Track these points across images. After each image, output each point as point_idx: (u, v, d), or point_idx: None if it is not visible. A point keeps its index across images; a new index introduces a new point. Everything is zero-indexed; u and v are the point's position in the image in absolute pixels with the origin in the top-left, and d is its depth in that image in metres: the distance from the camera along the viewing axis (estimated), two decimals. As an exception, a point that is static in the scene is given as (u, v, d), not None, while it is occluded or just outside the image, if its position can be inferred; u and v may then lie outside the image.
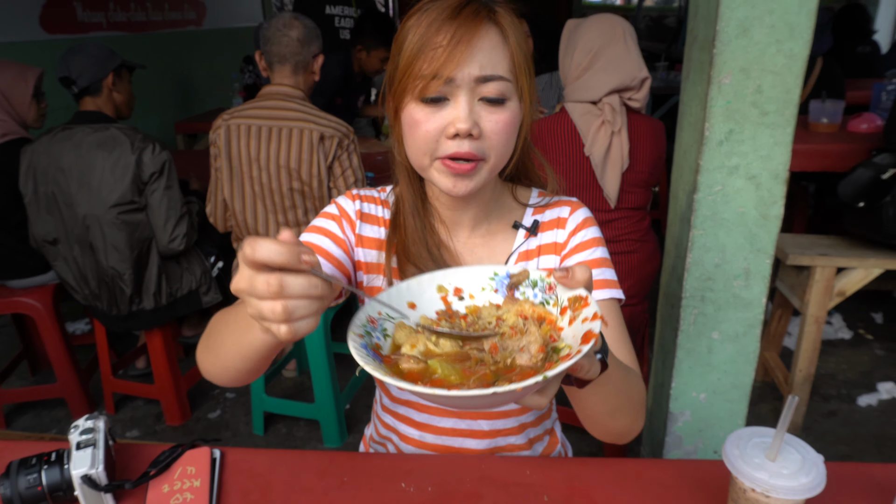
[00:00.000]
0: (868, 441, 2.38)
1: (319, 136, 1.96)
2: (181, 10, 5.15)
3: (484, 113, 0.84)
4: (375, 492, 0.92)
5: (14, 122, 2.31)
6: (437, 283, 0.75)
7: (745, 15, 1.36)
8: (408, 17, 0.85)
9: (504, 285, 0.74)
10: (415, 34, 0.82)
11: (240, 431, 2.55)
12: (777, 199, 1.50)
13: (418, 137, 0.85)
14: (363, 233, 1.00)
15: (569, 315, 0.66)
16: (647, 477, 0.94)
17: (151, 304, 2.30)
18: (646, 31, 8.29)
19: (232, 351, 0.78)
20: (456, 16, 0.81)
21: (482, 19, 0.82)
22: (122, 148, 2.09)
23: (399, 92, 0.85)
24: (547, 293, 0.70)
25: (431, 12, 0.82)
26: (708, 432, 1.77)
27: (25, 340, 2.86)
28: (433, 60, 0.80)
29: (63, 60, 2.17)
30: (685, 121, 1.60)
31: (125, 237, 2.16)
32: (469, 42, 0.80)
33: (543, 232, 1.01)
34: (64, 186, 2.13)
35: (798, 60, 1.37)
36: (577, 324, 0.64)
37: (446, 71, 0.80)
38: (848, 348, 2.99)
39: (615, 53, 1.87)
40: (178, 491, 0.92)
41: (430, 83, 0.81)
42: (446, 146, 0.83)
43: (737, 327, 1.63)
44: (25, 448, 0.99)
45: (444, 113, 0.83)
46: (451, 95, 0.82)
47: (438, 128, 0.83)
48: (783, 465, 0.78)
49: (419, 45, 0.81)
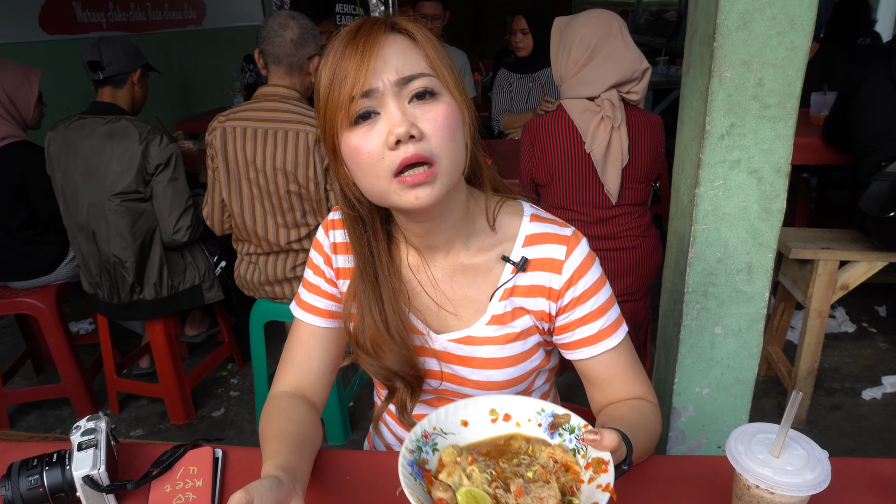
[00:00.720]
0: (872, 435, 2.37)
1: (315, 139, 1.96)
2: (181, 9, 5.15)
3: (418, 112, 0.80)
4: (378, 489, 0.92)
5: (16, 126, 2.31)
6: (490, 407, 0.83)
7: (745, 7, 1.34)
8: (320, 67, 0.86)
9: (547, 423, 0.82)
10: (326, 70, 0.82)
11: (244, 430, 2.55)
12: (779, 193, 1.49)
13: (363, 162, 0.81)
14: (339, 265, 1.01)
15: (590, 473, 0.75)
16: (650, 473, 0.94)
17: (152, 295, 2.32)
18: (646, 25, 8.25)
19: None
20: (355, 36, 0.80)
21: (383, 31, 0.81)
22: (131, 139, 2.13)
23: (329, 130, 0.83)
24: (580, 444, 0.79)
25: (333, 46, 0.82)
26: (711, 427, 1.77)
27: (29, 341, 2.87)
28: (347, 82, 0.79)
29: (95, 46, 2.21)
30: (686, 115, 1.59)
31: (128, 224, 2.20)
32: (376, 53, 0.79)
33: (534, 271, 0.95)
34: (72, 173, 2.17)
35: (799, 53, 1.36)
36: (593, 486, 0.73)
37: (363, 86, 0.78)
38: (852, 342, 2.99)
39: (614, 47, 1.86)
40: (181, 491, 0.92)
41: (352, 104, 0.79)
42: (393, 158, 0.79)
43: (739, 322, 1.62)
44: (27, 449, 1.00)
45: (378, 127, 0.80)
46: (379, 108, 0.79)
47: (379, 144, 0.79)
48: (788, 462, 0.77)
49: (331, 77, 0.81)
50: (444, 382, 0.99)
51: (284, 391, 1.01)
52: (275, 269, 2.13)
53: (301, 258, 2.12)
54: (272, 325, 2.35)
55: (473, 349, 0.97)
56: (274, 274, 2.13)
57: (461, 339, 0.97)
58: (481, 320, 0.96)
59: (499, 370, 0.97)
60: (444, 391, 1.01)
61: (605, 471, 0.73)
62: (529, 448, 0.80)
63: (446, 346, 0.97)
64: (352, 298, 0.95)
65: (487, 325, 0.96)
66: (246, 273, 2.19)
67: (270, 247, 2.11)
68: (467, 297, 0.97)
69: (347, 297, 0.96)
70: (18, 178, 2.26)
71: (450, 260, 0.96)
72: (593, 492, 0.72)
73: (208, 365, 2.72)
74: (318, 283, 1.02)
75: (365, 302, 0.92)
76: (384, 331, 0.92)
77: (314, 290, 1.02)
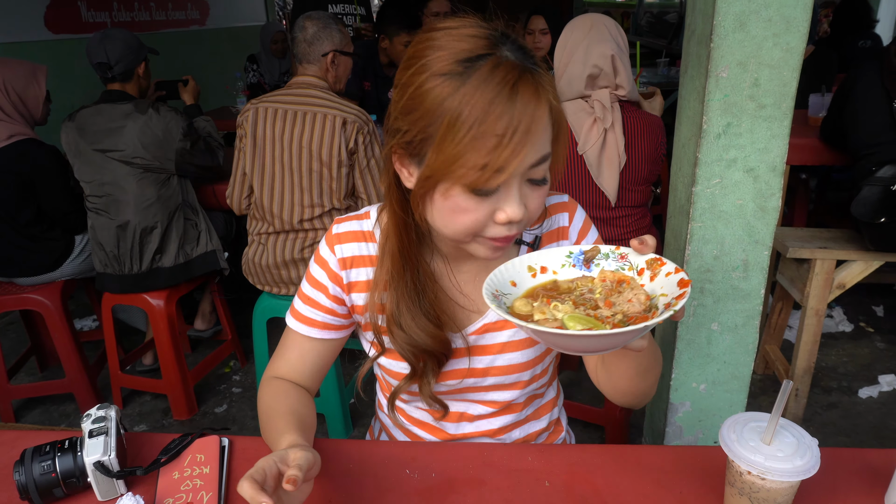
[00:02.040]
0: (868, 432, 2.40)
1: (342, 122, 2.08)
2: (184, 9, 5.18)
3: (528, 191, 0.81)
4: (380, 478, 0.94)
5: (24, 124, 2.35)
6: (527, 265, 0.84)
7: (741, 9, 1.37)
8: (438, 74, 0.75)
9: (580, 261, 0.83)
10: (468, 115, 0.73)
11: (246, 425, 2.58)
12: (775, 192, 1.52)
13: (464, 223, 0.80)
14: (353, 279, 1.00)
15: (648, 274, 0.77)
16: (646, 462, 0.96)
17: (171, 262, 2.41)
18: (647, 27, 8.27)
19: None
20: (515, 98, 0.73)
21: (538, 97, 0.75)
22: (149, 114, 2.27)
23: (439, 171, 0.77)
24: (620, 262, 0.80)
25: (483, 90, 0.72)
26: (708, 422, 1.79)
27: (34, 337, 2.89)
28: (492, 153, 0.73)
29: (100, 46, 2.29)
30: (684, 114, 1.62)
31: (154, 191, 2.33)
32: (529, 131, 0.74)
33: (546, 244, 1.01)
34: (91, 155, 2.27)
35: (795, 54, 1.39)
36: (661, 278, 0.75)
37: (507, 166, 0.74)
38: (849, 341, 3.01)
39: (585, 43, 1.91)
40: (188, 477, 0.94)
41: (487, 177, 0.75)
42: (495, 230, 0.81)
43: (736, 318, 1.65)
44: (39, 437, 1.02)
45: (492, 200, 0.78)
46: (502, 184, 0.78)
47: (487, 215, 0.80)
48: (778, 449, 0.80)
49: (474, 134, 0.73)
50: (465, 380, 1.02)
51: (281, 377, 1.04)
52: (283, 249, 2.20)
53: (309, 239, 2.19)
54: (275, 322, 2.37)
55: (492, 336, 1.01)
56: (282, 255, 2.19)
57: (478, 329, 1.00)
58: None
59: (518, 352, 1.01)
60: (467, 389, 1.04)
61: (663, 263, 0.76)
62: (577, 283, 0.81)
63: (467, 340, 1.00)
64: (381, 287, 0.95)
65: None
66: (255, 256, 2.25)
67: (283, 225, 2.19)
68: None
69: (375, 287, 0.96)
70: (26, 175, 2.29)
71: (475, 262, 0.99)
72: (663, 281, 0.74)
73: (211, 361, 2.74)
74: (316, 297, 1.01)
75: (401, 285, 0.93)
76: (416, 309, 0.93)
77: (311, 304, 1.01)
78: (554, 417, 1.18)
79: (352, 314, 1.03)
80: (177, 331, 2.49)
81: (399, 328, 0.94)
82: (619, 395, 0.98)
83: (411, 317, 0.93)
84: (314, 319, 1.02)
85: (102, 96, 2.33)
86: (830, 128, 2.61)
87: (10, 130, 2.29)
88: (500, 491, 0.91)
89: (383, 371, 1.06)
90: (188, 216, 2.47)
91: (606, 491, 0.91)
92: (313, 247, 2.18)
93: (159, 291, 2.44)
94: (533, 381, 1.05)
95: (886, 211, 2.13)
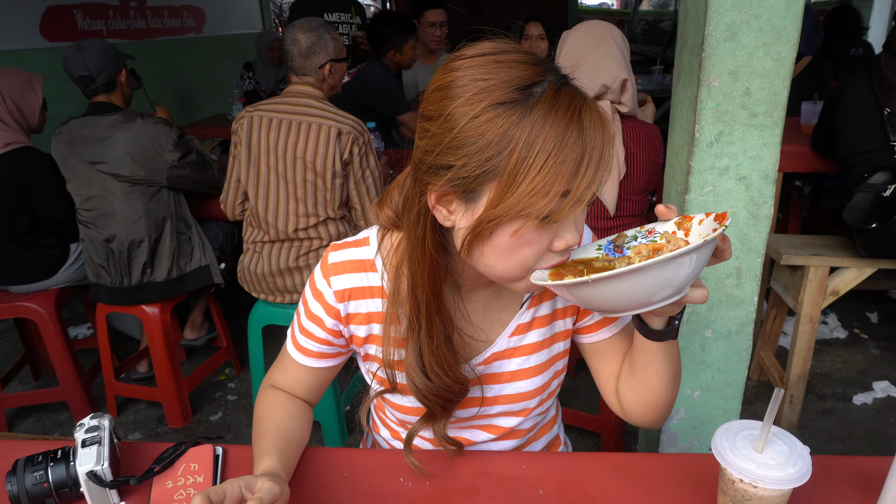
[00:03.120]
0: (863, 439, 2.40)
1: (337, 133, 2.07)
2: (181, 17, 5.20)
3: (578, 215, 0.79)
4: (375, 486, 0.94)
5: (20, 132, 2.35)
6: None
7: (732, 19, 1.38)
8: (496, 103, 0.70)
9: (612, 250, 0.84)
10: (543, 144, 0.69)
11: (241, 433, 2.57)
12: (767, 199, 1.53)
13: (525, 257, 0.76)
14: (351, 310, 0.95)
15: (681, 234, 0.79)
16: (640, 470, 0.97)
17: (163, 276, 2.39)
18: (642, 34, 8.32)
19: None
20: (583, 123, 0.71)
21: (603, 121, 0.73)
22: (137, 125, 2.25)
23: (512, 206, 0.71)
24: (649, 237, 0.81)
25: (554, 117, 0.69)
26: (702, 429, 1.80)
27: (28, 345, 2.88)
28: (572, 180, 0.70)
29: (77, 59, 2.28)
30: (676, 123, 1.63)
31: (142, 205, 2.30)
32: (602, 156, 0.72)
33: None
34: (80, 167, 2.26)
35: (785, 63, 1.40)
36: (696, 228, 0.77)
37: (587, 192, 0.71)
38: (843, 348, 3.02)
39: (594, 59, 1.88)
40: (182, 487, 0.94)
41: (567, 205, 0.71)
42: (550, 259, 0.78)
43: (729, 325, 1.66)
44: (32, 447, 1.01)
45: (552, 229, 0.75)
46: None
47: (547, 244, 0.76)
48: (770, 457, 0.80)
49: (553, 163, 0.69)
50: (482, 408, 1.01)
51: (278, 388, 1.05)
52: (278, 258, 2.19)
53: (304, 248, 2.19)
54: (270, 330, 2.37)
55: (500, 364, 0.99)
56: (277, 263, 2.19)
57: (487, 358, 0.98)
58: (504, 333, 0.98)
59: (528, 380, 0.99)
60: (479, 416, 1.03)
61: (691, 218, 0.77)
62: (614, 261, 0.81)
63: (475, 370, 0.98)
64: (395, 322, 0.90)
65: (511, 336, 0.98)
66: (250, 264, 2.25)
67: (278, 234, 2.18)
68: (499, 321, 0.98)
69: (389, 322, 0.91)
70: (21, 183, 2.29)
71: (485, 292, 0.96)
72: (698, 229, 0.76)
73: (206, 369, 2.74)
74: (312, 329, 0.98)
75: (435, 331, 0.87)
76: (448, 356, 0.89)
77: (308, 335, 0.99)
78: (553, 435, 1.18)
79: (349, 344, 1.01)
80: (171, 339, 2.49)
81: (425, 377, 0.88)
82: (651, 407, 0.94)
83: (439, 365, 0.88)
84: (311, 350, 1.00)
85: (90, 108, 2.32)
86: (821, 136, 2.63)
87: (7, 139, 2.29)
88: (495, 499, 0.91)
89: (386, 402, 1.05)
90: (181, 230, 2.45)
91: (600, 499, 0.91)
92: (308, 255, 2.18)
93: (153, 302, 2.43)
94: (539, 405, 1.03)
95: (878, 216, 2.14)
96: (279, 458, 0.89)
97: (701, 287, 0.75)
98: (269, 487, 0.76)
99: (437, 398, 0.91)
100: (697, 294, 0.74)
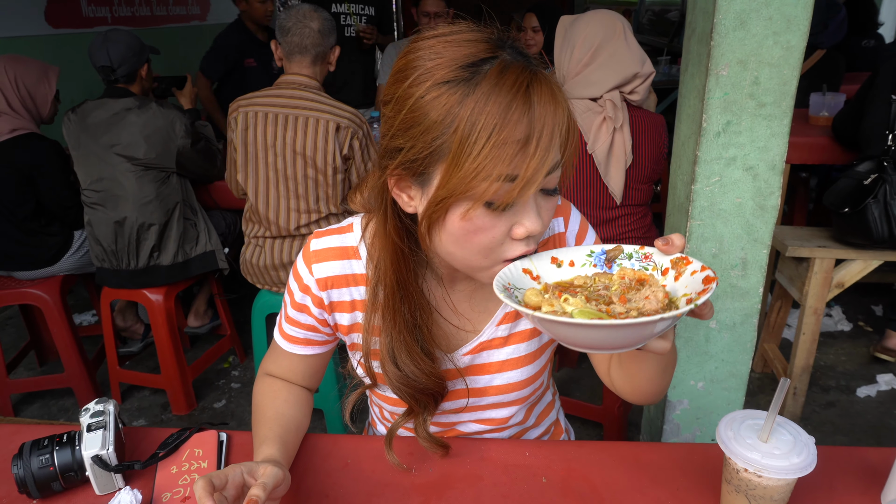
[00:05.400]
0: (866, 431, 2.40)
1: (336, 127, 2.02)
2: (185, 4, 5.17)
3: (542, 203, 0.76)
4: (378, 473, 0.95)
5: (29, 120, 2.36)
6: (552, 255, 0.81)
7: (742, 7, 1.37)
8: (440, 82, 0.69)
9: (602, 261, 0.79)
10: (484, 122, 0.66)
11: (245, 420, 2.58)
12: (774, 190, 1.52)
13: (479, 242, 0.74)
14: (334, 298, 0.94)
15: (672, 273, 0.74)
16: (643, 459, 0.97)
17: (169, 260, 2.41)
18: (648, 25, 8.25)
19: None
20: (531, 101, 0.68)
21: (555, 99, 0.70)
22: (153, 111, 2.27)
23: (457, 188, 0.69)
24: (644, 262, 0.77)
25: (496, 94, 0.67)
26: (705, 420, 1.80)
27: (33, 331, 2.90)
28: (515, 161, 0.67)
29: (102, 49, 2.29)
30: (684, 113, 1.62)
31: (153, 188, 2.31)
32: (553, 135, 0.68)
33: (543, 250, 0.96)
34: (91, 146, 2.27)
35: (795, 52, 1.39)
36: (686, 277, 0.72)
37: (536, 174, 0.68)
38: (848, 340, 3.01)
39: (616, 48, 1.87)
40: (186, 472, 0.94)
41: (513, 188, 0.68)
42: (513, 248, 0.75)
43: (734, 316, 1.65)
44: (37, 431, 1.02)
45: (508, 215, 0.73)
46: (519, 197, 0.72)
47: (504, 233, 0.74)
48: (775, 446, 0.80)
49: (494, 142, 0.66)
50: (470, 399, 1.00)
51: (275, 377, 1.04)
52: (280, 253, 2.18)
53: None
54: (273, 318, 2.37)
55: (489, 354, 0.98)
56: (280, 257, 2.18)
57: (474, 347, 0.98)
58: (491, 322, 0.97)
59: (517, 370, 0.98)
60: (469, 408, 1.02)
61: (689, 262, 0.72)
62: (593, 279, 0.77)
63: (462, 360, 0.98)
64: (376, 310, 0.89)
65: (498, 325, 0.97)
66: (252, 257, 2.24)
67: (280, 231, 2.16)
68: (486, 310, 0.97)
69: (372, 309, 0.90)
70: (25, 169, 2.29)
71: (470, 282, 0.95)
72: (688, 280, 0.71)
73: (210, 357, 2.75)
74: (298, 317, 0.98)
75: (399, 319, 0.87)
76: (414, 345, 0.88)
77: (295, 324, 0.98)
78: (553, 420, 1.18)
79: (335, 332, 1.00)
80: (175, 326, 2.49)
81: (394, 366, 0.88)
82: (639, 394, 0.92)
83: (407, 354, 0.87)
84: (297, 338, 0.99)
85: (106, 91, 2.33)
86: (846, 120, 2.59)
87: (13, 125, 2.30)
88: (497, 486, 0.91)
89: (375, 395, 1.05)
90: (188, 216, 2.47)
91: (603, 487, 0.91)
92: None
93: (158, 287, 2.44)
94: (531, 395, 1.03)
95: (852, 201, 2.17)
96: (278, 446, 0.89)
97: (665, 340, 0.68)
98: (271, 472, 0.76)
99: (409, 389, 0.89)
100: (659, 345, 0.68)
